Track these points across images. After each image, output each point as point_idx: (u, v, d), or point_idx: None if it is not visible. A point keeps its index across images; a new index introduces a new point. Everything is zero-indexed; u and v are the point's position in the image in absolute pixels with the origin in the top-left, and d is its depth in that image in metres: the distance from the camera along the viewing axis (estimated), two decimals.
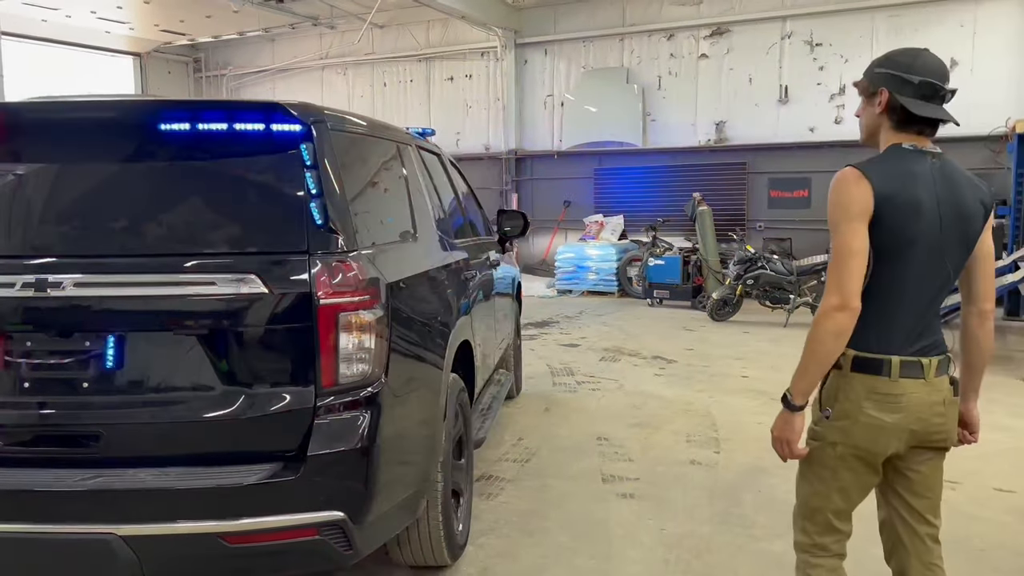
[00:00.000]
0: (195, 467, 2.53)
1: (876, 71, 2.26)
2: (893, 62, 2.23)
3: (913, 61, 2.20)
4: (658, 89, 14.15)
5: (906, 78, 2.18)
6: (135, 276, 2.54)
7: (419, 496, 3.10)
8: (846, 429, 2.26)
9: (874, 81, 2.26)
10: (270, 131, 2.68)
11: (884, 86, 2.22)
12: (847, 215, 2.14)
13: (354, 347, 2.61)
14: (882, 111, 2.24)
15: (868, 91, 2.28)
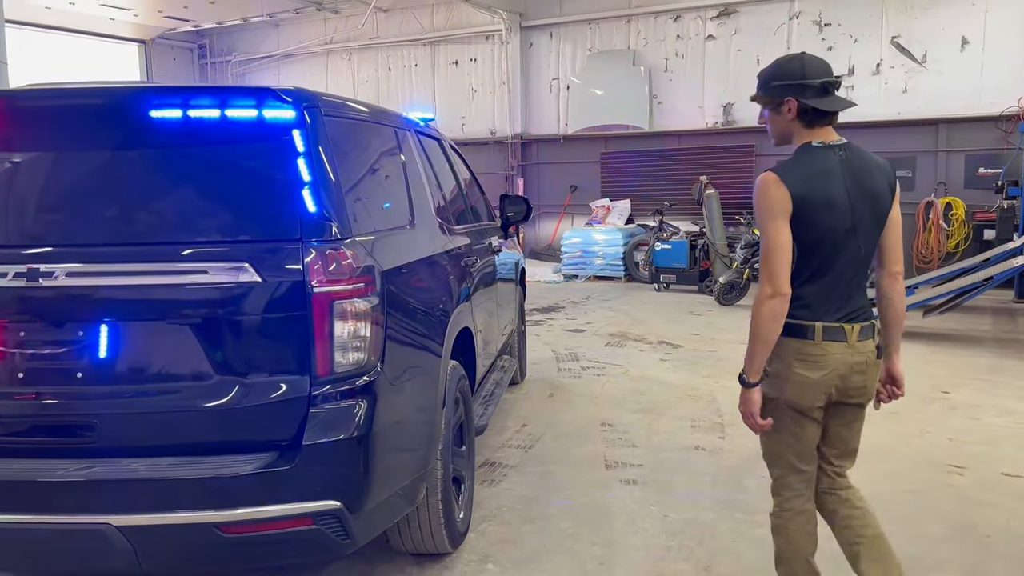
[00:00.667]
0: (190, 457, 2.52)
1: (774, 85, 2.52)
2: (787, 73, 2.52)
3: (803, 67, 2.51)
4: (665, 71, 14.03)
5: (805, 84, 2.47)
6: (127, 265, 2.52)
7: (418, 484, 3.09)
8: (780, 386, 2.56)
9: (776, 94, 2.52)
10: (262, 117, 2.64)
11: (788, 95, 2.49)
12: (771, 215, 2.43)
13: (349, 335, 2.58)
14: (793, 117, 2.51)
15: (772, 103, 2.54)
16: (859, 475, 4.43)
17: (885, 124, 12.32)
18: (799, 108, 2.49)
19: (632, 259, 13.16)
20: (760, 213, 2.45)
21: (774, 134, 2.64)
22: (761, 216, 2.45)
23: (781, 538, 2.76)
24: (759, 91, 2.59)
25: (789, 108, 2.50)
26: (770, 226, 2.43)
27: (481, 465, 4.74)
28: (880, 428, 5.28)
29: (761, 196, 2.45)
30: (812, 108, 2.48)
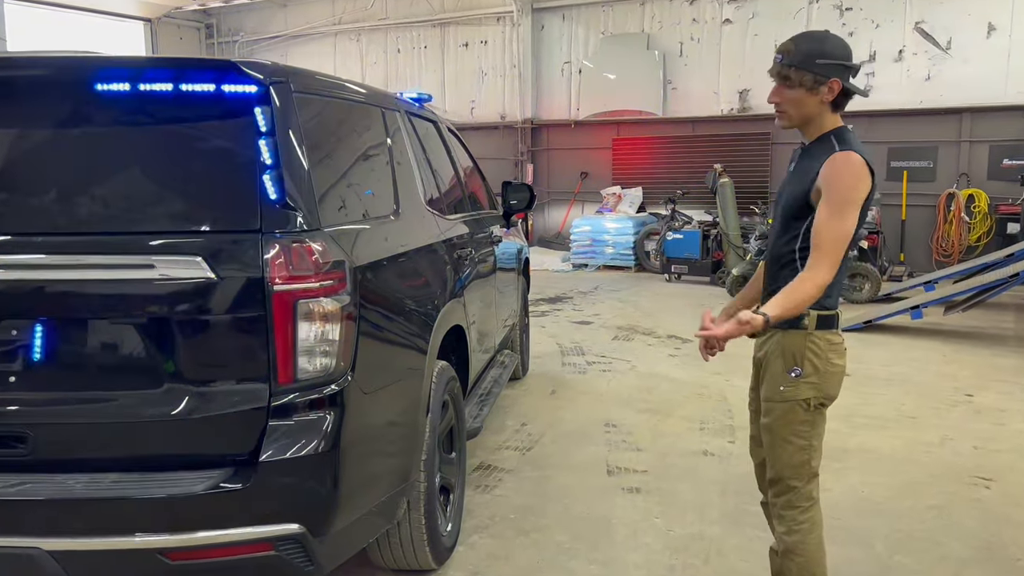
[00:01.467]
0: (135, 473, 2.26)
1: (821, 63, 2.35)
2: (833, 52, 2.38)
3: (847, 48, 2.41)
4: (679, 56, 13.64)
5: (849, 65, 2.38)
6: (66, 258, 2.25)
7: (397, 499, 2.82)
8: (820, 383, 2.46)
9: (823, 72, 2.35)
10: (222, 93, 2.35)
11: (834, 76, 2.35)
12: (855, 202, 2.33)
13: (315, 339, 2.31)
14: (832, 99, 2.38)
15: (812, 84, 2.36)
16: (875, 489, 4.19)
17: (906, 113, 11.93)
18: (841, 91, 2.37)
19: (643, 248, 12.84)
20: (845, 196, 2.31)
21: (795, 115, 2.45)
22: (845, 199, 2.31)
23: (802, 557, 2.58)
24: (797, 66, 2.36)
25: (830, 89, 2.36)
26: (850, 213, 2.32)
27: (476, 469, 4.48)
28: (898, 435, 4.99)
29: (852, 178, 2.32)
30: (848, 92, 2.39)
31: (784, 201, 2.52)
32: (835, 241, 2.30)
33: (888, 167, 12.23)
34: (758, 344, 2.65)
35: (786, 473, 2.55)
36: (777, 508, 2.61)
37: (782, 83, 2.42)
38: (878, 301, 9.51)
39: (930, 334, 7.99)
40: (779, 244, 2.53)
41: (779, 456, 2.55)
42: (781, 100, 2.44)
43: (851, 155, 2.33)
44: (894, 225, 12.13)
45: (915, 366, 6.75)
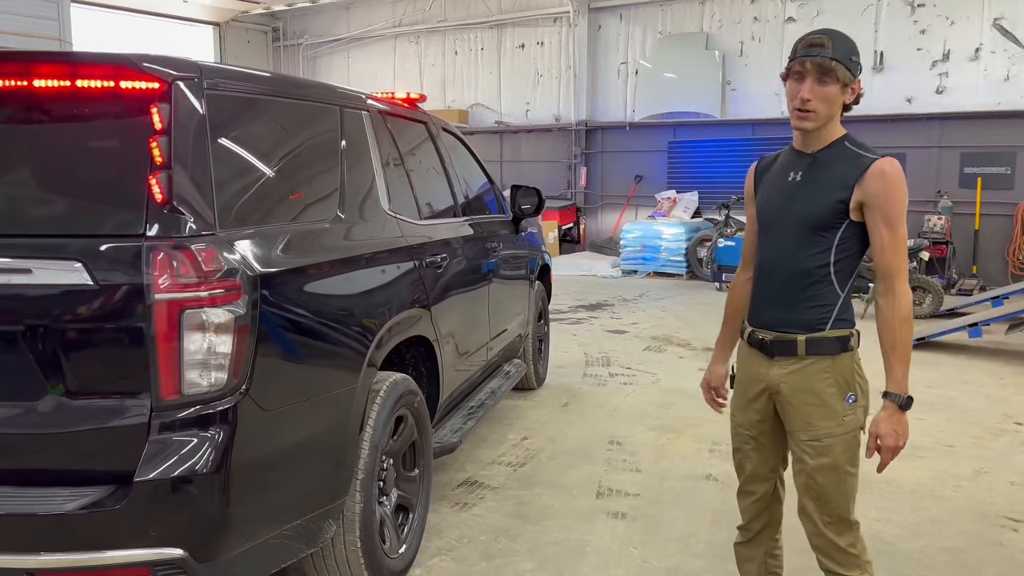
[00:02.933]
0: (8, 487, 2.15)
1: (854, 60, 2.21)
2: (858, 52, 2.24)
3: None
4: (740, 56, 13.16)
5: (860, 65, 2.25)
6: None
7: (319, 522, 2.65)
8: (866, 405, 2.35)
9: (856, 72, 2.22)
10: (119, 89, 2.24)
11: (858, 76, 2.24)
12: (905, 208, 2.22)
13: (204, 351, 2.16)
14: (851, 101, 2.25)
15: (846, 81, 2.21)
16: (885, 527, 3.81)
17: (982, 115, 11.19)
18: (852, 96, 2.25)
19: (695, 255, 12.41)
20: (903, 205, 2.21)
21: (824, 113, 2.22)
22: (903, 209, 2.21)
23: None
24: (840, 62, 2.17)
25: (853, 90, 2.23)
26: (904, 223, 2.23)
27: (460, 484, 4.29)
28: (928, 466, 4.57)
29: (904, 187, 2.21)
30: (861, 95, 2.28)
31: (805, 209, 2.28)
32: (905, 257, 2.23)
33: (961, 173, 11.50)
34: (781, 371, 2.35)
35: (848, 509, 2.35)
36: (844, 550, 2.35)
37: (822, 77, 2.18)
38: (940, 316, 8.91)
39: (989, 354, 7.40)
40: (802, 258, 2.29)
41: (844, 492, 2.33)
42: (814, 97, 2.20)
43: (895, 162, 2.21)
44: (966, 235, 11.40)
45: (965, 389, 6.23)
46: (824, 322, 2.29)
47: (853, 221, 2.23)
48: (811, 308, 2.29)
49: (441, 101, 16.01)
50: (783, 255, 2.33)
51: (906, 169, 9.11)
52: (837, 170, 2.23)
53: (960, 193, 11.43)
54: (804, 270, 2.29)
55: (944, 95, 11.50)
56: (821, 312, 2.29)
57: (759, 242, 2.45)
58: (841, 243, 2.25)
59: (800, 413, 2.32)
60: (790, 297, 2.32)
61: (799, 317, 2.30)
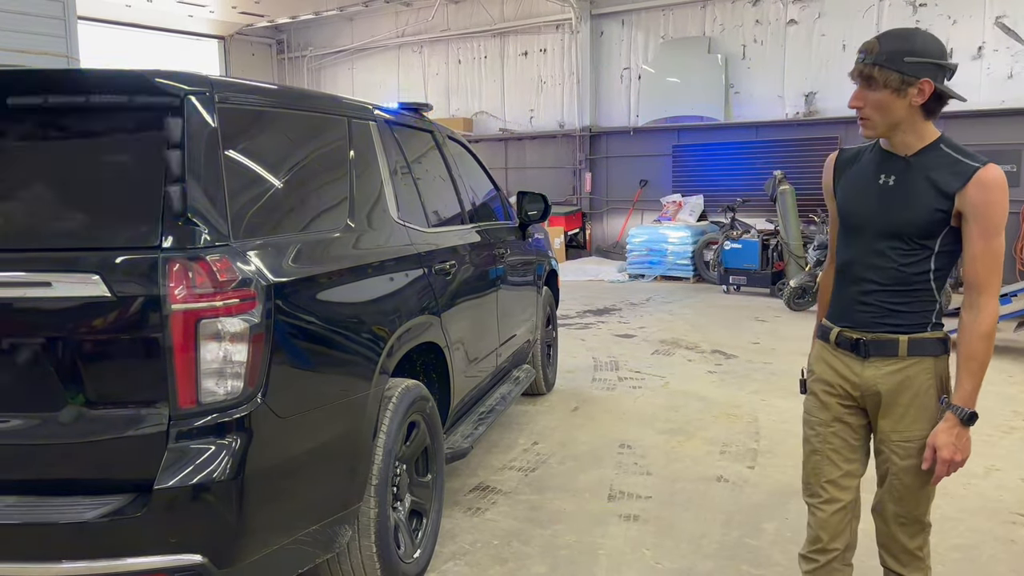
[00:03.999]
0: (30, 497, 2.19)
1: (910, 61, 2.10)
2: (925, 49, 2.11)
3: (940, 45, 2.14)
4: (742, 59, 13.19)
5: (944, 65, 2.12)
6: None
7: (335, 527, 2.69)
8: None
9: (912, 72, 2.10)
10: (133, 104, 2.28)
11: (925, 76, 2.09)
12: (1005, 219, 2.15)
13: (220, 360, 2.20)
14: (922, 102, 2.12)
15: (899, 84, 2.11)
16: None
17: (986, 113, 11.18)
18: (934, 93, 2.12)
19: (702, 258, 12.43)
20: (1003, 216, 2.14)
21: (880, 121, 2.17)
22: (1003, 220, 2.14)
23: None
24: (883, 66, 2.10)
25: (920, 90, 2.10)
26: (1002, 234, 2.15)
27: (472, 489, 4.32)
28: None
29: (1005, 197, 2.14)
30: (943, 95, 2.14)
31: (903, 217, 2.21)
32: (999, 271, 2.15)
33: None
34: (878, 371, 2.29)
35: (926, 511, 2.36)
36: (913, 553, 2.37)
37: (865, 84, 2.15)
38: (947, 315, 8.84)
39: (998, 352, 7.38)
40: (901, 265, 2.23)
41: (927, 494, 2.33)
42: (864, 104, 2.17)
43: (998, 171, 2.14)
44: None
45: None
46: (925, 324, 2.25)
47: (953, 227, 2.17)
48: (911, 312, 2.25)
49: (445, 110, 16.08)
50: (878, 260, 2.26)
51: None
52: (936, 177, 2.15)
53: None
54: (903, 277, 2.23)
55: None
56: (922, 315, 2.25)
57: (844, 242, 2.36)
58: (941, 250, 2.20)
59: (896, 413, 2.27)
60: (888, 300, 2.26)
61: (899, 320, 2.25)
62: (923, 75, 2.09)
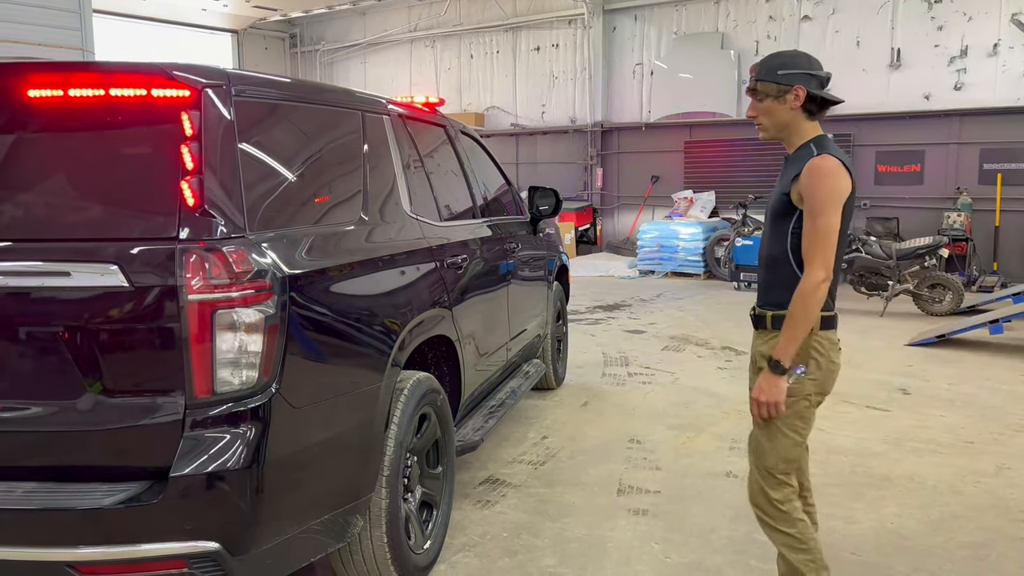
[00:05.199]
0: (49, 483, 2.23)
1: (782, 73, 2.53)
2: (794, 63, 2.55)
3: (808, 60, 2.56)
4: (755, 55, 13.09)
5: (813, 74, 2.53)
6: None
7: (347, 517, 2.72)
8: (821, 380, 2.59)
9: (785, 81, 2.52)
10: (151, 97, 2.31)
11: (797, 83, 2.51)
12: (835, 201, 2.45)
13: (235, 350, 2.23)
14: (799, 106, 2.53)
15: (777, 92, 2.53)
16: (906, 522, 3.82)
17: (1001, 111, 11.13)
18: (807, 96, 2.51)
19: (713, 255, 12.41)
20: (824, 197, 2.44)
21: (770, 125, 2.61)
22: (825, 200, 2.44)
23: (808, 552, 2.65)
24: (762, 79, 2.56)
25: (796, 96, 2.52)
26: (832, 211, 2.44)
27: (482, 482, 4.34)
28: (949, 462, 4.58)
29: (828, 180, 2.45)
30: (820, 99, 2.53)
31: (770, 204, 2.67)
32: (825, 241, 2.43)
33: (980, 170, 11.43)
34: (760, 340, 2.71)
35: (781, 467, 2.64)
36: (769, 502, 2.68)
37: (753, 96, 2.60)
38: (960, 313, 8.87)
39: (1011, 351, 7.37)
40: (771, 245, 2.66)
41: (776, 449, 2.63)
42: (756, 113, 2.62)
43: (825, 158, 2.48)
44: (987, 232, 11.33)
45: (986, 386, 6.21)
46: (787, 301, 2.51)
47: (801, 211, 2.51)
48: (779, 289, 2.58)
49: (457, 104, 16.09)
50: (765, 241, 2.70)
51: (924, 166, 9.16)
52: (793, 168, 2.54)
53: (980, 190, 11.35)
54: (771, 255, 2.64)
55: (962, 91, 11.43)
56: (787, 292, 2.52)
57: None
58: (795, 230, 2.54)
59: (758, 376, 2.62)
60: (765, 278, 2.69)
61: (771, 297, 2.64)
62: (795, 82, 2.50)
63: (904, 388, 6.18)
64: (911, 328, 8.34)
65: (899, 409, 5.64)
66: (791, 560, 2.65)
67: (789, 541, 2.65)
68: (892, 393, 6.04)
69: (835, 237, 2.44)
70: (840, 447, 4.84)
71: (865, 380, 6.40)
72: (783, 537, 2.66)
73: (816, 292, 2.43)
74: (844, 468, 4.50)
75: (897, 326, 8.58)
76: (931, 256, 9.12)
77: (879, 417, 5.46)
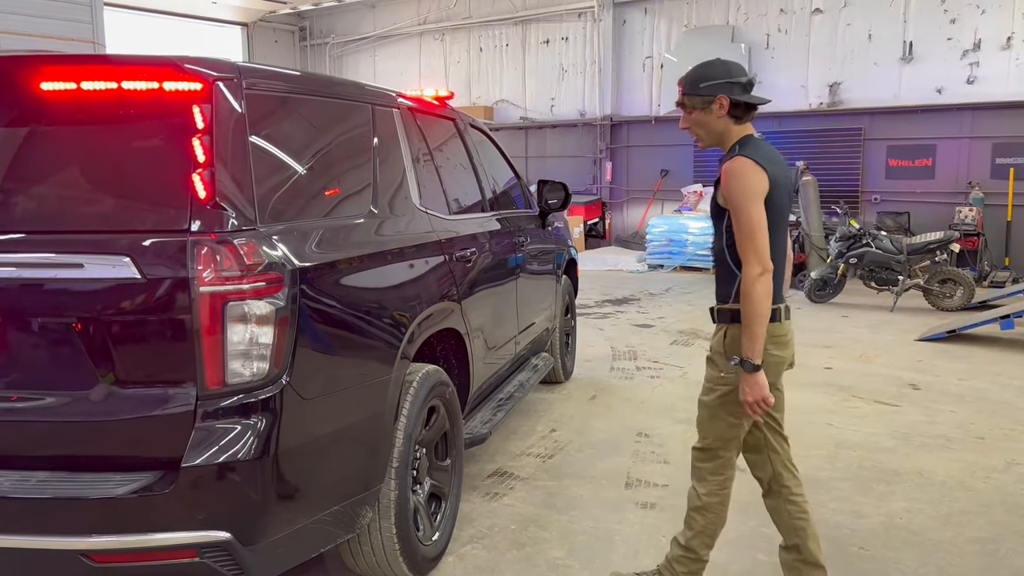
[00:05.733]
0: (61, 473, 2.25)
1: (704, 85, 2.65)
2: (713, 74, 2.66)
3: (728, 67, 2.68)
4: (766, 48, 13.09)
5: (734, 82, 2.65)
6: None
7: (356, 508, 2.74)
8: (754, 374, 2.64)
9: (707, 93, 2.65)
10: (163, 90, 2.32)
11: (719, 93, 2.63)
12: (754, 196, 2.56)
13: (247, 342, 2.25)
14: (724, 113, 2.66)
15: (703, 104, 2.66)
16: (915, 517, 3.82)
17: (1014, 105, 11.04)
18: (731, 103, 2.64)
19: None
20: (741, 194, 2.56)
21: (704, 134, 2.75)
22: (743, 197, 2.56)
23: (712, 514, 2.99)
24: (688, 94, 2.69)
25: (721, 104, 2.64)
26: (753, 207, 2.55)
27: (490, 475, 4.36)
28: (958, 457, 4.57)
29: (741, 178, 2.57)
30: (744, 103, 2.65)
31: (711, 206, 2.82)
32: (750, 236, 2.54)
33: (993, 164, 11.37)
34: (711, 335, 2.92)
35: (717, 444, 2.89)
36: (703, 472, 2.96)
37: (683, 110, 2.74)
38: (971, 309, 8.82)
39: (1022, 346, 7.33)
40: (714, 243, 2.83)
41: (713, 428, 2.87)
42: (689, 124, 2.76)
43: (735, 160, 2.61)
44: (999, 227, 11.27)
45: (997, 381, 6.19)
46: (727, 296, 2.73)
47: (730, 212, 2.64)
48: (722, 284, 2.78)
49: (467, 98, 16.08)
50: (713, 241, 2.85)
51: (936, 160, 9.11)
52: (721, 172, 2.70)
53: (992, 184, 11.29)
54: (715, 254, 2.81)
55: (975, 85, 11.35)
56: (726, 288, 2.74)
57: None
58: (728, 229, 2.67)
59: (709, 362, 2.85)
60: (717, 275, 2.83)
61: (719, 291, 2.81)
62: (718, 92, 2.62)
63: (914, 383, 6.16)
64: (921, 323, 8.31)
65: (909, 404, 5.62)
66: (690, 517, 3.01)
67: (696, 503, 2.98)
68: (902, 388, 6.03)
69: (762, 231, 2.53)
70: (849, 442, 4.83)
71: (875, 375, 6.38)
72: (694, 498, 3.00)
73: (756, 285, 2.52)
74: (853, 463, 4.50)
75: (907, 321, 8.55)
76: (942, 251, 9.07)
77: (888, 412, 5.45)
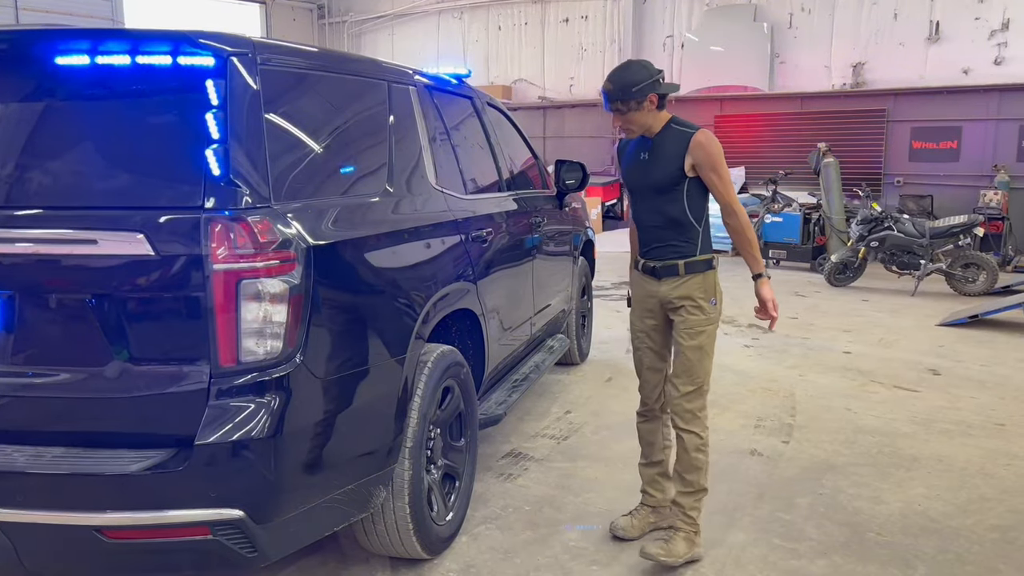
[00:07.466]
0: (77, 448, 2.25)
1: (635, 90, 3.00)
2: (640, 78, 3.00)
3: (648, 69, 3.04)
4: (789, 27, 12.89)
5: (656, 79, 3.03)
6: (6, 231, 2.25)
7: (370, 487, 2.73)
8: (720, 309, 3.23)
9: (639, 95, 3.00)
10: (176, 65, 2.30)
11: (649, 92, 3.02)
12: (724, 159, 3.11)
13: (260, 320, 2.23)
14: (654, 107, 3.06)
15: (636, 105, 3.02)
16: (933, 503, 3.78)
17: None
18: (658, 98, 3.05)
19: None
20: (720, 157, 3.08)
21: (638, 127, 3.10)
22: (720, 159, 3.08)
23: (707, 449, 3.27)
24: (627, 101, 3.01)
25: (651, 101, 3.03)
26: (726, 168, 3.11)
27: (505, 455, 4.35)
28: (979, 443, 4.51)
29: (717, 144, 3.10)
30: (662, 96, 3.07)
31: (655, 179, 3.12)
32: (733, 191, 3.17)
33: (1019, 147, 11.18)
34: (668, 287, 3.18)
35: (703, 379, 3.20)
36: (693, 412, 3.20)
37: (617, 114, 3.07)
38: (994, 294, 8.69)
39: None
40: (666, 211, 3.14)
41: (703, 367, 3.18)
42: (624, 123, 3.11)
43: (702, 132, 3.09)
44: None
45: (1019, 367, 6.10)
46: (693, 251, 3.13)
47: (691, 178, 3.07)
48: (682, 243, 3.14)
49: (484, 77, 15.98)
50: (651, 210, 3.18)
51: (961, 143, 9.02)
52: (673, 145, 3.08)
53: (1018, 167, 11.10)
54: (669, 218, 3.13)
55: (1003, 66, 11.14)
56: (690, 244, 3.13)
57: (632, 202, 3.32)
58: (689, 192, 3.09)
59: (681, 313, 3.16)
60: (666, 237, 3.15)
61: (676, 250, 3.14)
62: (647, 93, 3.00)
63: (934, 368, 6.09)
64: (943, 308, 8.20)
65: (929, 390, 5.56)
66: (696, 458, 3.21)
67: (699, 443, 3.20)
68: (922, 374, 5.96)
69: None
70: (868, 427, 4.78)
71: (895, 360, 6.31)
72: (696, 439, 3.19)
73: (746, 217, 3.16)
74: (872, 448, 4.45)
75: (929, 306, 8.44)
76: (965, 235, 8.93)
77: (908, 397, 5.38)
